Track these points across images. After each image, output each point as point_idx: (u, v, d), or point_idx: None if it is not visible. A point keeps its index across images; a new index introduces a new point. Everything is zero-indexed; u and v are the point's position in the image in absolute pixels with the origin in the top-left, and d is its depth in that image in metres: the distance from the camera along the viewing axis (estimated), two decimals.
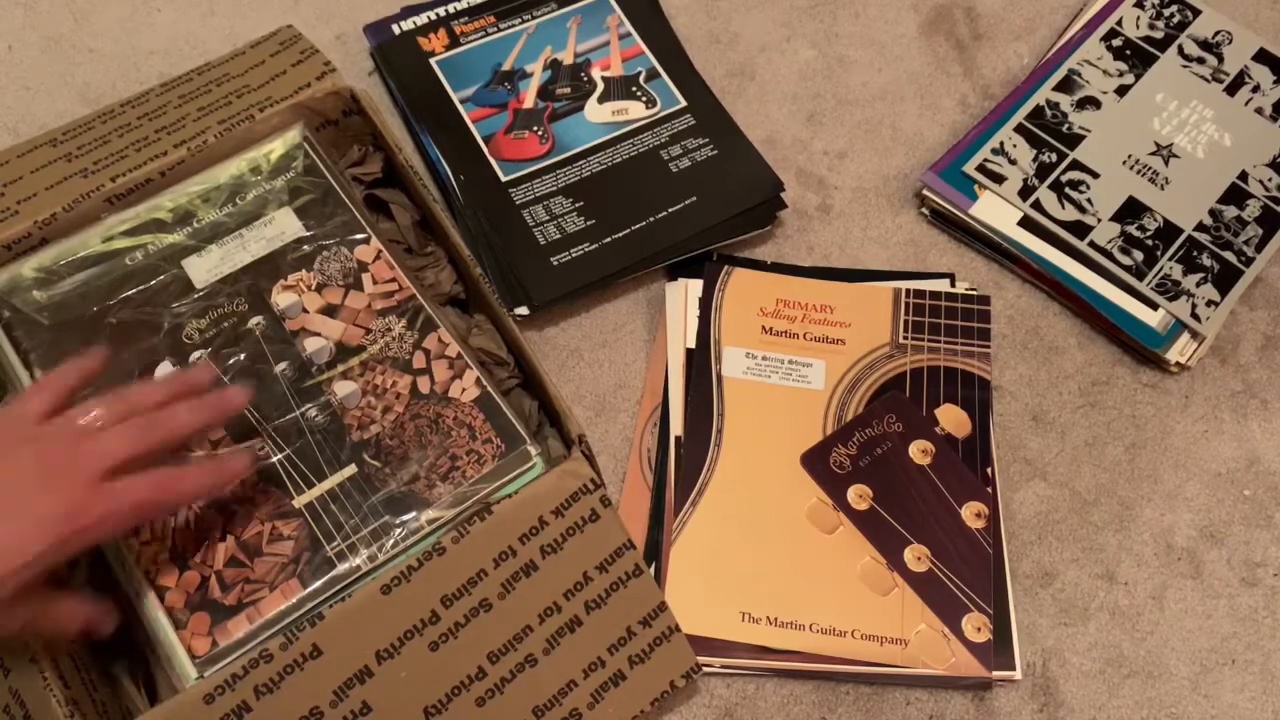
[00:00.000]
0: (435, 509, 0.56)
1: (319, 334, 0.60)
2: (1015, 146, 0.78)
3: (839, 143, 0.81)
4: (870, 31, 0.86)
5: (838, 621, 0.63)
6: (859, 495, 0.67)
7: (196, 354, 0.58)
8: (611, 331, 0.74)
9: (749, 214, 0.75)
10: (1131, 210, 0.76)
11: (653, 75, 0.80)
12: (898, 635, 0.63)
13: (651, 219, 0.74)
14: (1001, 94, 0.83)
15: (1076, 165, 0.78)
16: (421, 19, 0.81)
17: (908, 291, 0.73)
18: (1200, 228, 0.76)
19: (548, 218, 0.74)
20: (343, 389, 0.58)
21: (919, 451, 0.68)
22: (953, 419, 0.69)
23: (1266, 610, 0.67)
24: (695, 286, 0.73)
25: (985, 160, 0.78)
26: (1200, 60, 0.82)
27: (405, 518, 0.55)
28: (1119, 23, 0.84)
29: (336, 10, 0.84)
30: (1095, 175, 0.77)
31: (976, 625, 0.63)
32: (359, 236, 0.62)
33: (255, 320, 0.59)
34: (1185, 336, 0.73)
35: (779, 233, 0.77)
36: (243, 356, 0.58)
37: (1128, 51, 0.82)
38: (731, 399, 0.69)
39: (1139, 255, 0.75)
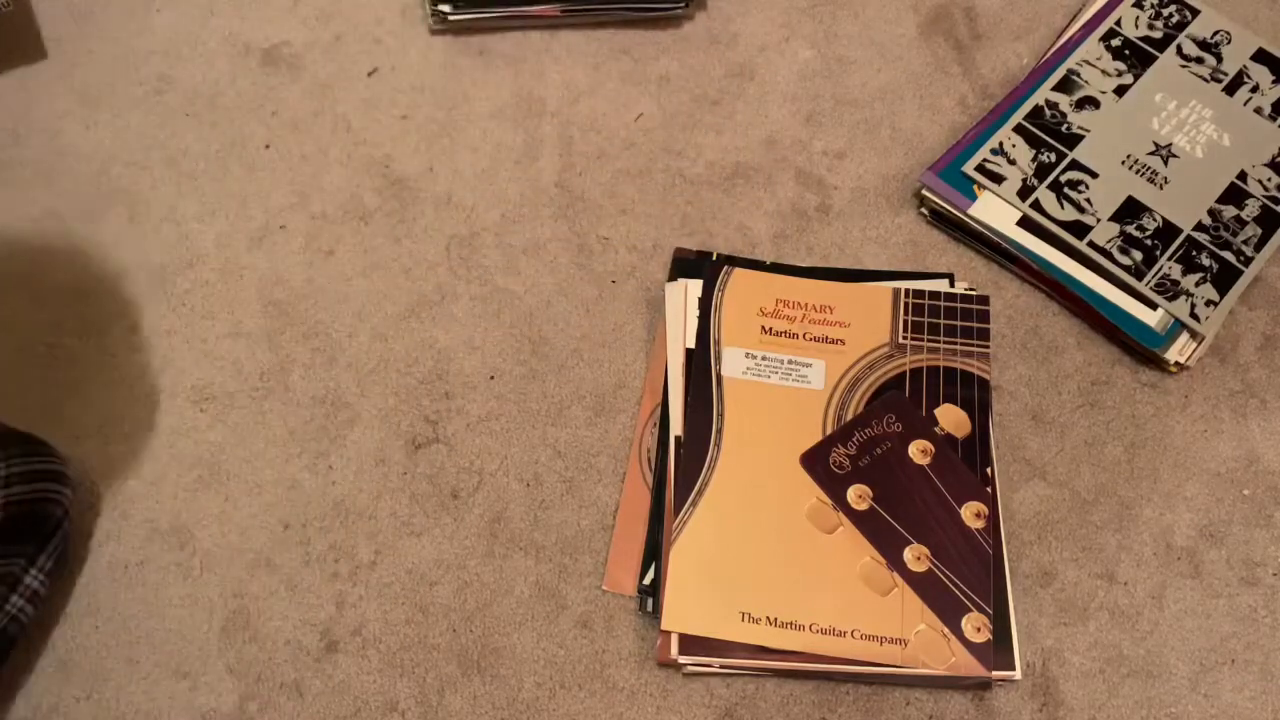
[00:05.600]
0: None
1: None
2: (1014, 146, 0.78)
3: (838, 143, 0.81)
4: (870, 32, 0.86)
5: (838, 621, 0.63)
6: (859, 495, 0.67)
7: None
8: (611, 331, 0.74)
9: None
10: (1130, 210, 0.76)
11: None
12: (898, 635, 0.63)
13: None
14: (1001, 94, 0.83)
15: (1075, 165, 0.78)
16: None
17: (907, 291, 0.73)
18: (1199, 227, 0.76)
19: None
20: None
21: (918, 451, 0.68)
22: (952, 419, 0.69)
23: (1266, 610, 0.67)
24: (695, 286, 0.73)
25: (984, 160, 0.78)
26: (1199, 60, 0.82)
27: None
28: (1118, 23, 0.84)
29: (337, 10, 0.84)
30: (1094, 175, 0.77)
31: (976, 625, 0.63)
32: None
33: None
34: (1184, 336, 0.73)
35: (779, 232, 0.78)
36: None
37: (1126, 51, 0.82)
38: (731, 399, 0.69)
39: (1138, 255, 0.75)
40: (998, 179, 0.77)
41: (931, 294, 0.73)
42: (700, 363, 0.70)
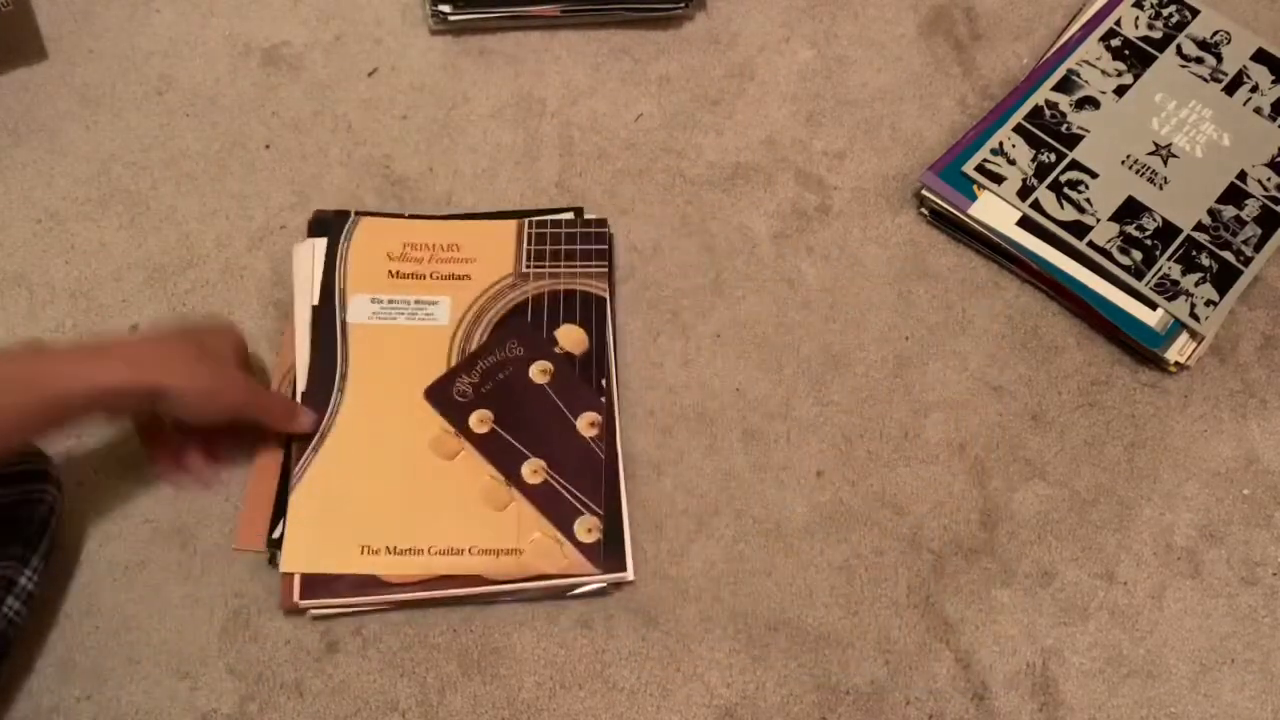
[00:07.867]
0: None
1: None
2: (1014, 147, 0.78)
3: (838, 143, 0.81)
4: (869, 32, 0.86)
5: (456, 541, 0.65)
6: (480, 420, 0.68)
7: None
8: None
9: None
10: (1130, 210, 0.76)
11: None
12: (513, 546, 0.64)
13: None
14: (1000, 94, 0.83)
15: (1075, 165, 0.78)
16: None
17: (530, 222, 0.75)
18: (1199, 227, 0.76)
19: None
20: None
21: (539, 372, 0.70)
22: (571, 338, 0.71)
23: (1266, 610, 0.67)
24: (322, 244, 0.73)
25: (984, 160, 0.78)
26: (1199, 60, 0.82)
27: None
28: (1118, 23, 0.84)
29: (337, 10, 0.84)
30: (1094, 175, 0.77)
31: (588, 527, 0.65)
32: None
33: None
34: (1184, 336, 0.73)
35: (778, 232, 0.78)
36: None
37: (1126, 51, 0.82)
38: (357, 345, 0.70)
39: (1138, 255, 0.75)
40: (998, 179, 0.77)
41: (553, 222, 0.75)
42: (325, 315, 0.71)
